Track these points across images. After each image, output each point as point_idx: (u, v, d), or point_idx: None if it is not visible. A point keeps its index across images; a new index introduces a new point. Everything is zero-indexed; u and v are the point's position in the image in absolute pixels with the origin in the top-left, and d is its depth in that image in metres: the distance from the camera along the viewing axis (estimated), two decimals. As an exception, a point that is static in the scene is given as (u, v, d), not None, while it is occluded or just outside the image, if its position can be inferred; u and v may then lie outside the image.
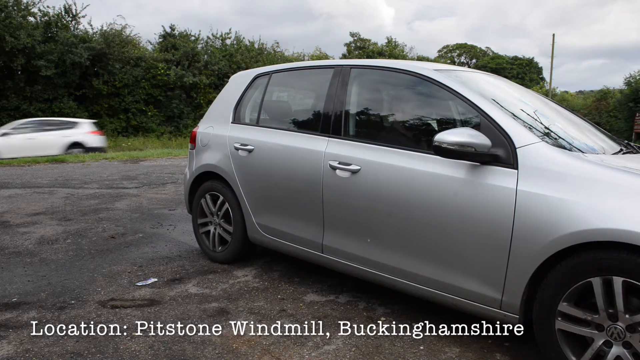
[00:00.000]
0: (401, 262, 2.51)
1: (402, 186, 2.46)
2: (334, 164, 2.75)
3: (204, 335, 2.53)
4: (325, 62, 3.27)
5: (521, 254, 2.06)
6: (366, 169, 2.63)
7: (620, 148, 2.70)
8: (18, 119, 15.92)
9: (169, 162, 11.84)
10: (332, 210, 2.81)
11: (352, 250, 2.73)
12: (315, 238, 2.93)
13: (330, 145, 2.86)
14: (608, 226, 1.82)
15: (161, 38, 21.22)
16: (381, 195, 2.54)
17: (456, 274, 2.29)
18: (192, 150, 3.93)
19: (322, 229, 2.88)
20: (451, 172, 2.27)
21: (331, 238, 2.84)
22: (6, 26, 14.30)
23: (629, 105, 21.99)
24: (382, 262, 2.59)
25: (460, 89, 2.43)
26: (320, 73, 3.26)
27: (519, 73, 41.35)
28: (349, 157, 2.72)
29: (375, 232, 2.61)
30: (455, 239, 2.26)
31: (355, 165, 2.66)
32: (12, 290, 3.14)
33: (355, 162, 2.68)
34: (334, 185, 2.77)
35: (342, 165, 2.72)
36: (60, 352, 2.32)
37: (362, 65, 3.00)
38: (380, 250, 2.59)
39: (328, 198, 2.80)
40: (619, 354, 1.86)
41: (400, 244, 2.51)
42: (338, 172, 2.74)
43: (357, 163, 2.66)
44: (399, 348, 2.40)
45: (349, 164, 2.70)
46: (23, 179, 8.29)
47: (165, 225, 4.93)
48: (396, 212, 2.49)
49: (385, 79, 2.98)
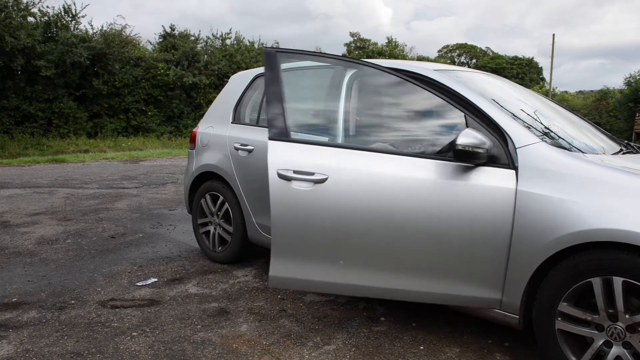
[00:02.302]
0: (395, 281, 2.28)
1: (399, 196, 2.20)
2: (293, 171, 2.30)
3: (204, 335, 2.53)
4: (325, 62, 3.26)
5: (521, 254, 2.05)
6: (334, 178, 2.26)
7: (620, 148, 2.70)
8: (18, 119, 15.93)
9: (169, 162, 11.84)
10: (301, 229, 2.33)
11: (318, 277, 2.35)
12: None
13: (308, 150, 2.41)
14: (608, 226, 1.82)
15: (161, 38, 21.21)
16: (369, 210, 2.23)
17: (455, 280, 2.21)
18: (192, 150, 3.93)
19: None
20: (450, 175, 2.20)
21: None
22: (6, 26, 14.28)
23: (629, 105, 21.98)
24: (375, 286, 2.31)
25: (460, 89, 2.42)
26: (320, 73, 3.26)
27: (518, 73, 41.33)
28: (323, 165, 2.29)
29: (355, 252, 2.29)
30: (454, 244, 2.18)
31: (321, 173, 2.27)
32: (12, 290, 3.14)
33: (320, 168, 2.28)
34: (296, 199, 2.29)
35: (302, 174, 2.28)
36: (60, 352, 2.32)
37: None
38: (368, 272, 2.29)
39: (280, 216, 2.31)
40: (619, 354, 1.86)
41: (393, 261, 2.26)
42: (295, 183, 2.27)
43: (323, 171, 2.28)
44: (399, 348, 2.40)
45: (311, 173, 2.26)
46: (23, 179, 8.29)
47: (165, 225, 4.93)
48: (391, 226, 2.21)
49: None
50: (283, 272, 2.38)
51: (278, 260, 2.36)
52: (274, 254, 2.36)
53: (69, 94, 17.06)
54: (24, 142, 15.04)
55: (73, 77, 16.80)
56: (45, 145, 15.16)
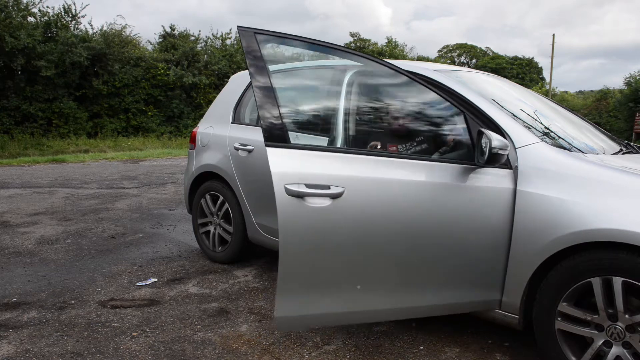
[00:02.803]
0: (409, 297, 2.12)
1: (404, 205, 2.02)
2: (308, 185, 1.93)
3: (204, 335, 2.53)
4: (325, 62, 3.27)
5: (521, 255, 2.05)
6: (351, 190, 1.95)
7: (620, 148, 2.71)
8: (18, 119, 15.92)
9: (169, 162, 11.84)
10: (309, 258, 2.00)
11: (333, 309, 2.07)
12: None
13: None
14: (608, 226, 1.82)
15: (161, 38, 21.21)
16: (378, 222, 2.00)
17: (459, 287, 2.16)
18: (192, 150, 3.93)
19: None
20: (450, 178, 2.12)
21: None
22: (6, 26, 14.28)
23: (629, 105, 21.97)
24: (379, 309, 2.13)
25: (460, 89, 2.42)
26: (320, 72, 3.26)
27: (518, 73, 41.31)
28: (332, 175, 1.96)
29: (373, 273, 2.06)
30: (458, 248, 2.13)
31: (337, 185, 1.95)
32: (12, 290, 3.14)
33: (336, 180, 1.95)
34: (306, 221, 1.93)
35: (317, 189, 1.92)
36: (60, 352, 2.32)
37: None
38: (384, 294, 2.09)
39: (293, 244, 1.93)
40: (619, 354, 1.87)
41: (409, 275, 2.10)
42: (309, 199, 1.90)
43: (339, 183, 1.95)
44: (399, 348, 2.40)
45: (327, 187, 1.93)
46: (23, 179, 8.29)
47: (165, 225, 4.93)
48: (410, 237, 2.03)
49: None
50: (293, 310, 2.00)
51: (287, 296, 1.96)
52: (283, 289, 1.94)
53: (69, 94, 17.06)
54: (24, 142, 15.04)
55: (73, 77, 16.79)
56: (45, 145, 15.16)
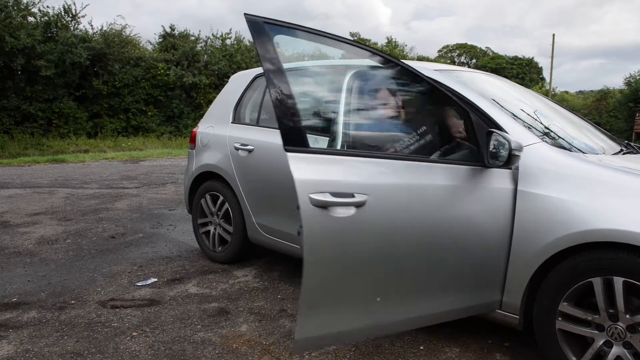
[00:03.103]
0: (420, 306, 2.05)
1: (423, 210, 1.95)
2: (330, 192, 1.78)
3: (204, 335, 2.52)
4: (325, 62, 3.27)
5: (521, 255, 2.05)
6: (374, 198, 1.85)
7: (620, 148, 2.71)
8: (18, 119, 15.92)
9: (169, 162, 11.84)
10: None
11: (354, 325, 1.94)
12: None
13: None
14: (608, 226, 1.82)
15: (161, 38, 21.22)
16: (398, 229, 1.91)
17: (462, 291, 2.12)
18: (192, 150, 3.93)
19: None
20: (460, 180, 2.08)
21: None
22: (6, 26, 14.28)
23: (629, 105, 21.97)
24: (407, 317, 2.03)
25: (461, 89, 2.42)
26: (320, 72, 3.26)
27: (518, 73, 41.31)
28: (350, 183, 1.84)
29: (393, 284, 1.96)
30: (463, 249, 2.09)
31: (361, 193, 1.83)
32: (12, 290, 3.14)
33: (359, 188, 1.84)
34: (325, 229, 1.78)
35: (342, 197, 1.79)
36: (60, 352, 2.32)
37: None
38: (400, 304, 2.00)
39: (319, 257, 1.79)
40: (619, 354, 1.86)
41: (425, 282, 2.03)
42: (334, 209, 1.77)
43: (362, 190, 1.84)
44: (399, 348, 2.40)
45: (351, 195, 1.81)
46: (23, 179, 8.29)
47: (165, 225, 4.93)
48: (428, 242, 1.97)
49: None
50: (315, 330, 1.83)
51: (311, 315, 1.80)
52: (308, 308, 1.78)
53: (69, 94, 17.06)
54: (24, 142, 15.04)
55: (73, 77, 16.79)
56: (45, 145, 15.16)
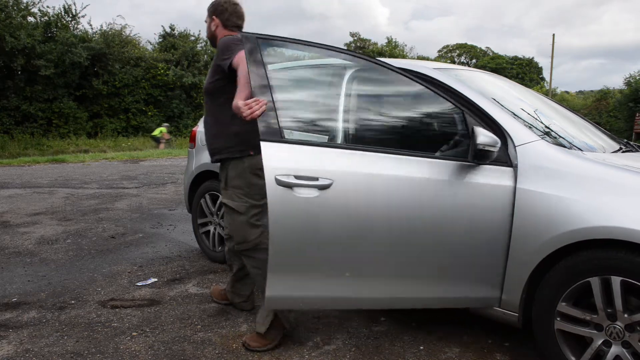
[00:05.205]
0: (400, 288, 2.20)
1: (404, 197, 2.11)
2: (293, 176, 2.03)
3: (204, 335, 2.53)
4: (324, 61, 3.26)
5: (520, 252, 2.06)
6: (339, 183, 2.07)
7: (619, 147, 2.71)
8: (18, 119, 15.92)
9: (169, 162, 11.85)
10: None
11: (321, 293, 2.17)
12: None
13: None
14: (606, 224, 1.82)
15: (161, 38, 21.24)
16: (375, 215, 2.11)
17: (457, 281, 2.18)
18: (191, 150, 3.93)
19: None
20: (451, 174, 2.15)
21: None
22: (6, 26, 14.30)
23: (629, 105, 21.98)
24: (372, 297, 2.23)
25: (460, 88, 2.42)
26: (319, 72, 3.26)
27: (518, 73, 41.33)
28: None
29: (361, 262, 2.17)
30: (455, 244, 2.15)
31: (326, 178, 2.05)
32: (12, 290, 3.14)
33: (325, 173, 2.05)
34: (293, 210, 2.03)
35: (305, 180, 2.02)
36: (60, 352, 2.33)
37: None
38: (373, 282, 2.18)
39: (280, 228, 2.04)
40: (618, 354, 1.87)
41: (399, 267, 2.18)
42: (298, 190, 2.01)
43: (327, 175, 2.05)
44: (399, 348, 2.40)
45: (315, 178, 2.04)
46: (23, 179, 8.29)
47: (165, 225, 4.93)
48: (398, 230, 2.12)
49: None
50: (282, 291, 2.13)
51: (276, 277, 2.10)
52: (272, 270, 2.08)
53: (69, 94, 17.07)
54: (24, 142, 15.06)
55: (73, 77, 16.81)
56: (45, 145, 15.18)
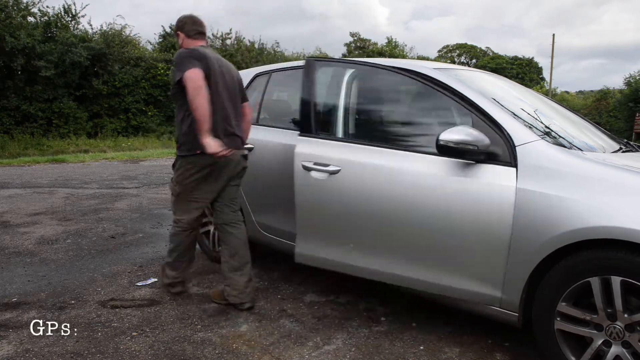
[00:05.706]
0: (400, 267, 2.41)
1: (399, 187, 2.34)
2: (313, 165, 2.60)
3: (204, 335, 2.53)
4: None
5: (520, 252, 2.06)
6: (346, 170, 2.52)
7: (619, 147, 2.71)
8: (18, 119, 15.91)
9: (169, 162, 11.83)
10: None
11: (333, 257, 2.61)
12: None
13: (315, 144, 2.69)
14: (606, 224, 1.82)
15: (161, 38, 21.23)
16: (374, 200, 2.41)
17: (457, 274, 2.24)
18: (192, 150, 3.93)
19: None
20: (450, 171, 2.23)
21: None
22: (6, 26, 14.28)
23: (629, 105, 21.95)
24: (382, 270, 2.48)
25: (460, 88, 2.42)
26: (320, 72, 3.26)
27: (518, 73, 41.28)
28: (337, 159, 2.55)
29: (362, 238, 2.51)
30: (455, 239, 2.22)
31: (335, 165, 2.54)
32: (12, 290, 3.14)
33: (335, 162, 2.55)
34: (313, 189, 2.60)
35: (320, 165, 2.56)
36: (60, 352, 2.33)
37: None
38: (375, 258, 2.47)
39: (302, 202, 2.65)
40: (618, 354, 1.87)
41: (397, 249, 2.40)
42: (314, 173, 2.60)
43: (336, 163, 2.54)
44: (399, 348, 2.40)
45: (326, 165, 2.56)
46: (23, 179, 8.29)
47: (165, 225, 4.93)
48: (392, 216, 2.37)
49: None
50: (307, 250, 2.68)
51: (302, 239, 2.69)
52: (299, 233, 2.69)
53: (69, 94, 17.04)
54: (24, 142, 15.03)
55: (73, 77, 16.78)
56: (45, 145, 15.16)
